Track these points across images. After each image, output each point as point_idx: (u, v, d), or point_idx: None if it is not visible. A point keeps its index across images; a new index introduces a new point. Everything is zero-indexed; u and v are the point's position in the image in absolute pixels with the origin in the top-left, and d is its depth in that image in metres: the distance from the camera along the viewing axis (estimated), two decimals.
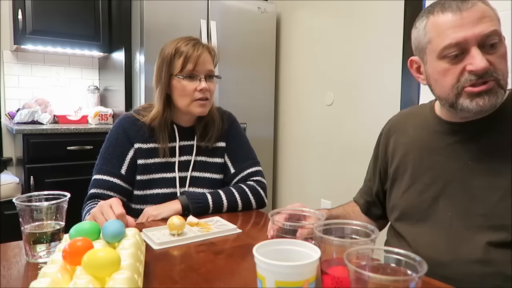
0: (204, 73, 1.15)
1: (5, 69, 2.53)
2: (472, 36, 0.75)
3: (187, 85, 1.13)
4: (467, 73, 0.76)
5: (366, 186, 1.09)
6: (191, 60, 1.12)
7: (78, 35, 2.45)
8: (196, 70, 1.13)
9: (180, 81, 1.13)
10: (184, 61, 1.12)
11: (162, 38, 1.45)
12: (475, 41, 0.75)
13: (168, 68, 1.14)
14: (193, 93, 1.13)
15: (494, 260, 0.78)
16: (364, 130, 2.21)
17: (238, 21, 2.51)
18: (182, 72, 1.13)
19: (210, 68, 1.16)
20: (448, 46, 0.77)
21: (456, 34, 0.76)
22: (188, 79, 1.13)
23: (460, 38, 0.75)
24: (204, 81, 1.14)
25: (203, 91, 1.13)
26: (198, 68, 1.13)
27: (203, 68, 1.14)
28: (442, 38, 0.78)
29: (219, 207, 1.11)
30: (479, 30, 0.75)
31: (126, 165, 1.14)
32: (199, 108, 1.15)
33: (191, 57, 1.12)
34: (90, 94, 2.74)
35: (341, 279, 0.59)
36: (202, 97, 1.14)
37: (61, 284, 0.55)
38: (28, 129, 2.11)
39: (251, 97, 2.63)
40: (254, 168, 1.25)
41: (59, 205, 0.78)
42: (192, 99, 1.14)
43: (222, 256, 0.80)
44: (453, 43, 0.76)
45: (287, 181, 2.83)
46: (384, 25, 2.08)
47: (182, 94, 1.14)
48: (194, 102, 1.14)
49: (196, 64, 1.12)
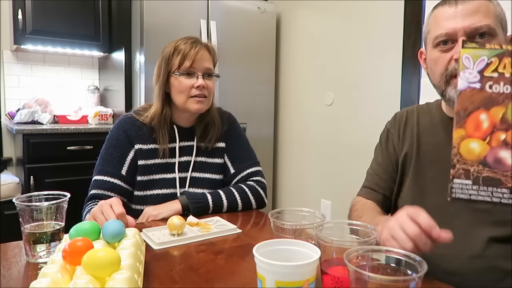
0: (201, 71, 1.15)
1: (5, 69, 2.53)
2: (461, 28, 0.79)
3: (184, 82, 1.13)
4: (454, 62, 0.81)
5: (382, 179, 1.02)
6: (188, 57, 1.12)
7: (78, 35, 2.45)
8: (193, 67, 1.13)
9: (177, 78, 1.14)
10: (182, 58, 1.12)
11: (162, 38, 1.45)
12: (463, 32, 0.79)
13: (167, 66, 1.15)
14: (189, 89, 1.14)
15: (496, 255, 0.78)
16: (364, 130, 2.21)
17: (238, 21, 2.51)
18: (180, 69, 1.13)
19: (208, 66, 1.17)
20: (439, 35, 0.82)
21: (448, 25, 0.81)
22: (186, 76, 1.14)
23: (450, 29, 0.80)
24: (201, 78, 1.14)
25: (200, 88, 1.13)
26: (195, 65, 1.13)
27: (201, 65, 1.14)
28: (437, 29, 0.83)
29: (219, 207, 1.11)
30: (469, 23, 0.79)
31: (126, 166, 1.14)
32: (196, 105, 1.15)
33: (188, 54, 1.12)
34: (90, 94, 2.74)
35: (341, 279, 0.59)
36: (199, 94, 1.14)
37: (61, 284, 0.55)
38: (28, 129, 2.11)
39: (251, 97, 2.63)
40: (254, 168, 1.25)
41: (59, 205, 0.78)
42: (188, 96, 1.14)
43: (222, 256, 0.80)
44: (443, 33, 0.81)
45: (287, 181, 2.83)
46: (384, 25, 2.08)
47: (179, 90, 1.14)
48: (191, 99, 1.14)
49: (194, 61, 1.13)
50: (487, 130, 0.56)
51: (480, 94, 0.56)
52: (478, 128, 0.56)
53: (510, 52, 0.55)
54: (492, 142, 0.55)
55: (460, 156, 0.57)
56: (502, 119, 0.55)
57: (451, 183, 0.57)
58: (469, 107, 0.56)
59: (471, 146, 0.56)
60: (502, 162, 0.55)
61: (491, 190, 0.55)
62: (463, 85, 0.57)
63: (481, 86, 0.56)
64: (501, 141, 0.55)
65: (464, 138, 0.57)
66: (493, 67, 0.55)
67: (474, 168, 0.56)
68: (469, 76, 0.56)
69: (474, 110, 0.56)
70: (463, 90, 0.57)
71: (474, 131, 0.56)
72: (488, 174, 0.55)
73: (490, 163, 0.55)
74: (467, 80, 0.56)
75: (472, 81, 0.56)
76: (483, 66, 0.56)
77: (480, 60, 0.56)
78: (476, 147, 0.56)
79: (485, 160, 0.56)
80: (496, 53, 0.55)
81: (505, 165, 0.54)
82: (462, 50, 0.57)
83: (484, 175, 0.56)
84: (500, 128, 0.55)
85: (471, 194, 0.56)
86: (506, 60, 0.55)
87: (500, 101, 0.55)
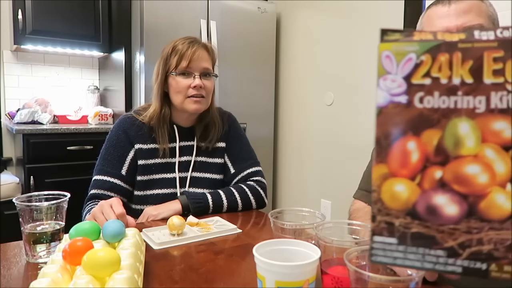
0: (199, 70, 1.15)
1: (5, 69, 2.53)
2: (454, 27, 0.79)
3: (181, 82, 1.14)
4: None
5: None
6: (185, 57, 1.12)
7: (78, 35, 2.45)
8: (190, 67, 1.13)
9: (174, 78, 1.14)
10: (179, 58, 1.13)
11: (162, 38, 1.45)
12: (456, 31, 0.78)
13: (164, 66, 1.15)
14: (186, 89, 1.14)
15: None
16: (364, 130, 2.21)
17: (238, 21, 2.51)
18: (177, 69, 1.13)
19: (206, 65, 1.16)
20: None
21: (441, 24, 0.81)
22: (182, 76, 1.14)
23: (442, 28, 0.80)
24: (198, 78, 1.14)
25: (197, 88, 1.13)
26: (192, 65, 1.13)
27: (198, 65, 1.14)
28: (430, 28, 0.83)
29: (219, 207, 1.11)
30: (462, 21, 0.79)
31: (126, 166, 1.14)
32: (193, 105, 1.15)
33: (185, 54, 1.12)
34: (90, 94, 2.74)
35: (341, 279, 0.59)
36: (196, 94, 1.14)
37: (61, 284, 0.55)
38: (28, 129, 2.11)
39: (251, 97, 2.63)
40: (254, 168, 1.25)
41: (59, 205, 0.78)
42: (186, 96, 1.14)
43: (222, 256, 0.80)
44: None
45: (287, 181, 2.83)
46: (384, 25, 2.07)
47: (176, 91, 1.15)
48: (188, 99, 1.14)
49: (190, 61, 1.13)
50: (417, 166, 0.38)
51: (407, 111, 0.38)
52: (405, 163, 0.39)
53: (448, 44, 0.37)
54: (424, 183, 0.38)
55: (381, 203, 0.39)
56: (437, 148, 0.37)
57: (371, 241, 0.40)
58: (392, 132, 0.39)
59: (396, 190, 0.39)
60: (437, 212, 0.38)
61: (422, 252, 0.39)
62: (384, 99, 0.39)
63: (408, 99, 0.38)
64: (435, 181, 0.38)
65: (387, 177, 0.39)
66: (425, 70, 0.38)
67: (400, 220, 0.39)
68: (391, 85, 0.38)
69: (400, 137, 0.38)
70: (384, 107, 0.39)
71: (400, 167, 0.39)
72: (418, 230, 0.38)
73: (421, 213, 0.38)
74: (388, 91, 0.39)
75: (395, 93, 0.38)
76: (411, 69, 0.38)
77: (407, 59, 0.38)
78: (402, 190, 0.39)
79: (415, 209, 0.38)
80: (429, 47, 0.37)
81: (442, 216, 0.37)
82: (381, 45, 0.39)
83: (414, 231, 0.39)
84: (434, 161, 0.38)
85: (396, 257, 0.39)
86: (442, 57, 0.37)
87: (434, 122, 0.37)
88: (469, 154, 0.37)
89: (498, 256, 0.36)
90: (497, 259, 0.36)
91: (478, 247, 0.36)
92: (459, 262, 0.37)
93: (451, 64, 0.37)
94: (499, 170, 0.36)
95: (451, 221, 0.37)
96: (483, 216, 0.36)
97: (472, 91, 0.36)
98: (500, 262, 0.36)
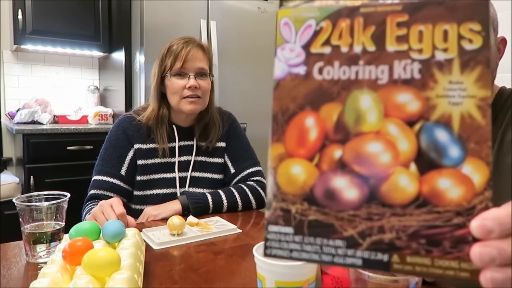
0: (193, 71, 1.15)
1: (5, 69, 2.53)
2: None
3: (175, 83, 1.14)
4: None
5: None
6: (179, 57, 1.12)
7: (78, 35, 2.45)
8: (184, 68, 1.14)
9: (170, 79, 1.14)
10: (173, 59, 1.13)
11: (162, 38, 1.45)
12: None
13: (160, 67, 1.16)
14: (182, 90, 1.14)
15: None
16: None
17: (238, 21, 2.51)
18: (172, 70, 1.14)
19: (201, 65, 1.16)
20: None
21: None
22: (177, 76, 1.14)
23: None
24: (193, 78, 1.14)
25: (192, 88, 1.13)
26: (186, 65, 1.13)
27: (193, 65, 1.14)
28: None
29: (219, 207, 1.11)
30: None
31: (126, 166, 1.14)
32: (189, 106, 1.15)
33: (179, 54, 1.13)
34: (90, 94, 2.74)
35: (341, 279, 0.59)
36: (191, 95, 1.14)
37: (61, 284, 0.55)
38: (28, 129, 2.11)
39: (251, 97, 2.62)
40: (254, 168, 1.25)
41: (59, 205, 0.78)
42: (181, 97, 1.14)
43: (222, 256, 0.80)
44: None
45: None
46: None
47: (172, 92, 1.15)
48: (184, 100, 1.15)
49: (185, 62, 1.13)
50: (315, 144, 0.34)
51: (306, 83, 0.34)
52: (302, 142, 0.34)
53: (349, 9, 0.33)
54: (322, 164, 0.33)
55: (277, 188, 0.34)
56: (337, 124, 0.33)
57: (266, 231, 0.35)
58: (289, 107, 0.35)
59: (292, 172, 0.34)
60: (335, 196, 0.33)
61: (320, 243, 0.33)
62: (282, 71, 0.35)
63: (307, 70, 0.34)
64: (335, 162, 0.33)
65: (283, 158, 0.34)
66: (324, 37, 0.34)
67: (297, 207, 0.34)
68: (289, 55, 0.35)
69: (297, 112, 0.34)
70: (282, 79, 0.35)
71: (297, 146, 0.34)
72: (316, 217, 0.33)
73: (319, 198, 0.33)
74: (286, 62, 0.35)
75: (293, 63, 0.34)
76: (310, 37, 0.34)
77: (306, 26, 0.34)
78: (299, 172, 0.34)
79: (312, 194, 0.33)
80: (329, 12, 0.33)
81: (341, 201, 0.33)
82: (279, 12, 0.35)
83: (311, 219, 0.33)
84: (334, 139, 0.33)
85: (293, 249, 0.34)
86: (343, 23, 0.33)
87: (334, 95, 0.33)
88: (370, 130, 0.32)
89: (400, 246, 0.31)
90: (399, 249, 0.31)
91: (379, 235, 0.32)
92: (359, 254, 0.32)
93: (352, 31, 0.33)
94: (402, 148, 0.32)
95: (351, 206, 0.33)
96: (385, 201, 0.32)
97: (374, 60, 0.32)
98: (403, 252, 0.31)
